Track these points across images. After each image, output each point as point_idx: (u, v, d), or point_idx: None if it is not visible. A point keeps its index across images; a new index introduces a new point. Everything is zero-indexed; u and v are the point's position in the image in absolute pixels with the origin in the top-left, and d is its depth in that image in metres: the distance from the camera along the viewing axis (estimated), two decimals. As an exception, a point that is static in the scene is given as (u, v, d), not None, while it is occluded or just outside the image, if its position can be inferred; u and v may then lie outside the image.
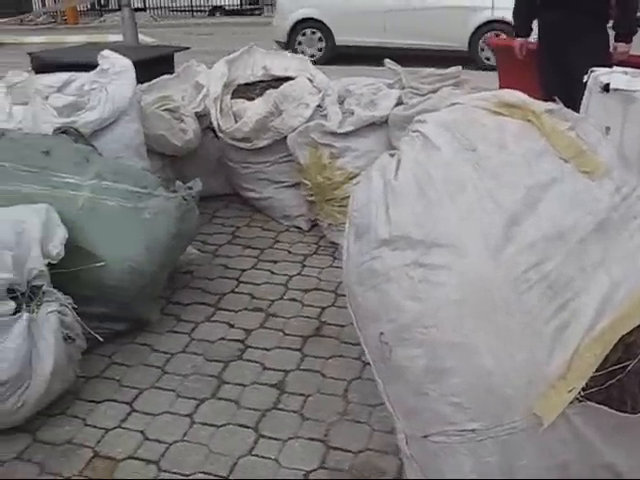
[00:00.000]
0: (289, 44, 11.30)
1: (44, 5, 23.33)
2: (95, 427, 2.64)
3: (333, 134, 3.88)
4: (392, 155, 2.21)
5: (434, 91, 3.84)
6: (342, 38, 11.03)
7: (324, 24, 11.24)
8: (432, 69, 4.25)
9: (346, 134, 3.86)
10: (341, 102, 4.12)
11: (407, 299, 1.93)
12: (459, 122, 2.15)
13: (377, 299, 2.02)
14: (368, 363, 2.77)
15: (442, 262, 1.91)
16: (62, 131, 3.29)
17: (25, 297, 2.54)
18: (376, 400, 2.61)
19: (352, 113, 3.94)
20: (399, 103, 3.93)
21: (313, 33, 11.45)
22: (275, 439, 2.54)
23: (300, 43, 11.46)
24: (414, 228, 1.97)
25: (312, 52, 11.06)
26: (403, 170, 2.08)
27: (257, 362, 2.99)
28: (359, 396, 2.75)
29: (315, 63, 4.41)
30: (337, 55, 11.08)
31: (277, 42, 11.56)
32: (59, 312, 2.59)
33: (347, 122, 3.88)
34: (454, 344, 1.87)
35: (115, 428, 2.63)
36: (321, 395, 2.77)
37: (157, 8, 22.97)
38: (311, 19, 11.36)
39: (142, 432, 2.60)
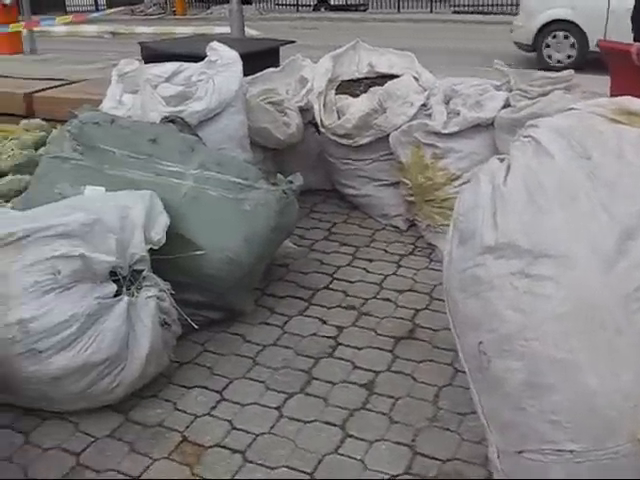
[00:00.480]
0: (535, 47, 10.66)
1: (154, -1, 24.03)
2: (185, 412, 2.68)
3: (437, 134, 3.81)
4: (501, 160, 2.14)
5: (544, 94, 3.71)
6: (598, 43, 10.04)
7: (578, 27, 10.20)
8: (542, 72, 4.11)
9: (450, 135, 3.78)
10: (446, 102, 4.04)
11: (510, 309, 1.87)
12: (574, 128, 2.07)
13: (478, 307, 1.96)
14: (461, 370, 2.75)
15: (549, 273, 1.84)
16: (169, 120, 3.35)
17: (126, 281, 2.61)
18: (467, 409, 2.55)
19: (457, 113, 3.85)
20: (506, 105, 3.82)
21: (566, 37, 10.47)
22: (362, 440, 2.51)
23: (548, 46, 10.61)
24: (521, 236, 1.90)
25: (560, 57, 10.43)
26: (513, 176, 2.02)
27: (347, 360, 2.96)
28: (449, 403, 2.69)
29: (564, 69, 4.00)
30: (586, 62, 9.62)
31: (517, 44, 10.90)
32: (157, 297, 2.64)
33: (452, 122, 3.80)
34: (556, 360, 1.80)
35: (204, 415, 2.66)
36: (410, 399, 2.72)
37: (263, 2, 23.31)
38: (562, 21, 10.38)
39: (230, 421, 2.62)
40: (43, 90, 6.98)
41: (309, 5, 22.95)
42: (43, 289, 2.44)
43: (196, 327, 2.88)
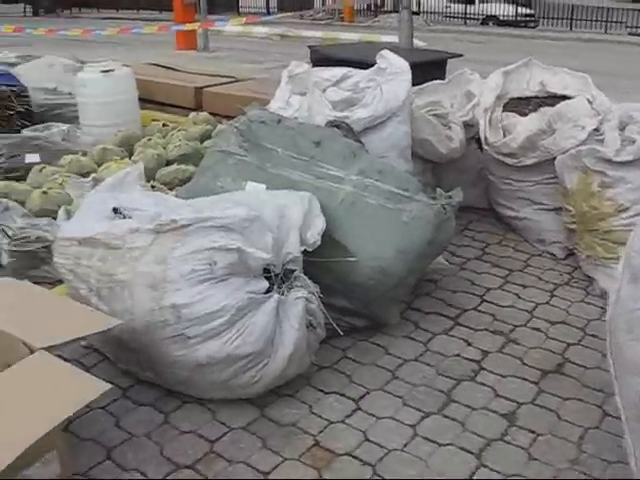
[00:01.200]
0: None
1: (324, 3, 24.53)
2: (320, 417, 2.67)
3: (608, 161, 3.60)
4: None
5: None
6: None
7: None
8: None
9: (623, 163, 3.56)
10: (622, 128, 3.81)
11: (684, 359, 1.72)
12: None
13: (647, 352, 1.82)
14: (611, 415, 2.59)
15: None
16: (334, 124, 3.37)
17: (278, 279, 2.63)
18: (613, 456, 2.40)
19: (632, 142, 3.63)
20: (689, 138, 3.56)
21: None
22: (496, 472, 2.40)
23: None
24: None
25: None
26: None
27: (490, 387, 2.86)
28: (594, 448, 2.52)
29: None
30: None
31: None
32: (306, 299, 2.65)
33: (625, 151, 3.58)
34: None
35: (338, 422, 2.64)
36: (553, 437, 2.58)
37: (431, 13, 23.23)
38: None
39: (364, 432, 2.59)
40: (212, 86, 7.27)
41: (477, 19, 22.65)
42: (199, 278, 2.51)
43: (341, 333, 2.87)
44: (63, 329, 2.45)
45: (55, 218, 3.90)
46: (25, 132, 5.79)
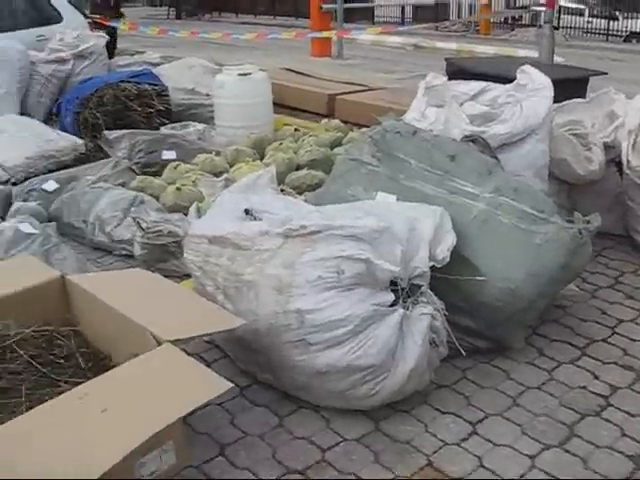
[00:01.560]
0: None
1: (460, 15, 24.27)
2: (435, 436, 2.61)
3: None
4: None
5: None
6: None
7: None
8: None
9: None
10: None
11: None
12: None
13: None
14: None
15: None
16: (470, 139, 3.31)
17: (403, 293, 2.60)
18: None
19: None
20: None
21: None
22: (616, 515, 2.28)
23: None
24: None
25: None
26: None
27: (617, 425, 2.70)
28: None
29: None
30: None
31: None
32: (431, 315, 2.60)
33: None
34: None
35: (454, 444, 2.57)
36: (684, 486, 2.41)
37: (570, 28, 22.52)
38: None
39: (479, 458, 2.51)
40: (345, 93, 7.33)
41: (620, 35, 21.75)
42: (325, 285, 2.51)
43: (464, 353, 2.80)
44: (190, 324, 2.52)
45: (186, 214, 4.04)
46: (163, 130, 6.03)
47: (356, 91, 7.49)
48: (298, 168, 4.96)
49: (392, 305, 2.56)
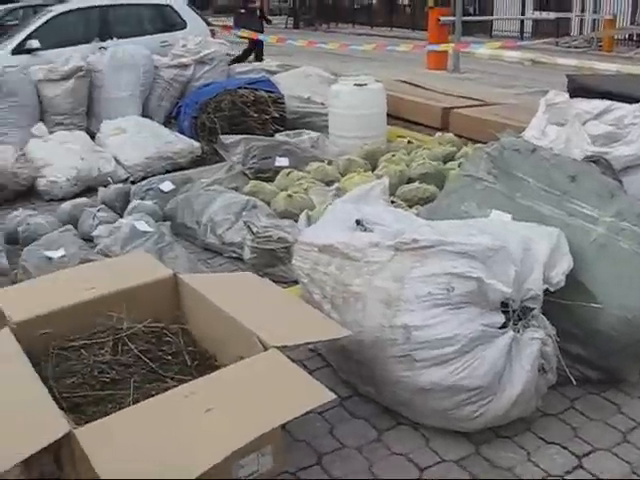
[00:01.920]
0: None
1: (582, 31, 23.54)
2: (538, 466, 2.52)
3: None
4: None
5: None
6: None
7: None
8: None
9: None
10: None
11: None
12: None
13: None
14: None
15: None
16: (592, 160, 3.19)
17: (515, 315, 2.52)
18: None
19: None
20: None
21: None
22: None
23: None
24: None
25: None
26: None
27: None
28: None
29: None
30: None
31: None
32: (542, 340, 2.52)
33: None
34: None
35: (557, 477, 2.47)
36: None
37: None
38: None
39: (584, 494, 2.41)
40: (460, 107, 7.23)
41: None
42: (434, 302, 2.47)
43: (574, 382, 2.69)
44: (297, 331, 2.53)
45: (297, 221, 4.08)
46: (278, 136, 6.14)
47: (471, 105, 7.37)
48: (409, 181, 4.93)
49: (502, 327, 2.49)
